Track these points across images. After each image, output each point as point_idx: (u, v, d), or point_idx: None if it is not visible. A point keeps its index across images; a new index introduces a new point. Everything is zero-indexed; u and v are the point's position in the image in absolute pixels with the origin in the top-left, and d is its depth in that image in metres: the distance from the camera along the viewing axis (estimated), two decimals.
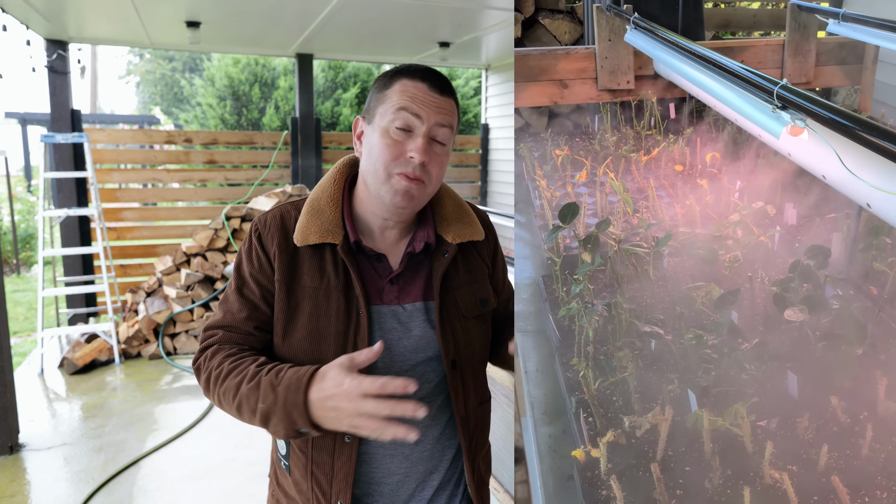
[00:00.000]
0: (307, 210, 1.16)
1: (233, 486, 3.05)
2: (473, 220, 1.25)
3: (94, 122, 13.46)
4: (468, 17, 4.73)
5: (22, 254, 9.22)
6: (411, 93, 1.09)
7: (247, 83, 10.03)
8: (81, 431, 3.67)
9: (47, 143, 5.03)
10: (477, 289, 1.23)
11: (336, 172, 1.22)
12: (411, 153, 1.07)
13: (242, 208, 5.48)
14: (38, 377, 4.52)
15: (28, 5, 4.18)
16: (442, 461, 1.21)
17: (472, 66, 7.71)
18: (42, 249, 4.76)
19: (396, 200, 1.10)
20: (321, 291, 1.12)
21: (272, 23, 4.93)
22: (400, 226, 1.18)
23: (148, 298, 5.14)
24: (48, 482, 3.12)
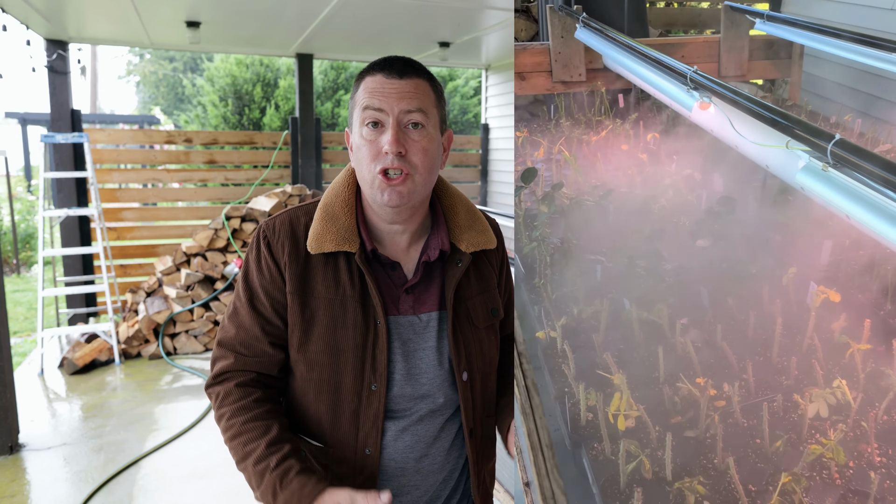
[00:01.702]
0: (321, 216, 1.12)
1: (233, 486, 3.05)
2: (486, 227, 1.22)
3: (94, 122, 13.46)
4: (468, 17, 4.73)
5: (22, 254, 9.22)
6: (371, 88, 1.06)
7: (249, 83, 10.03)
8: (81, 431, 3.67)
9: (47, 143, 5.03)
10: (488, 298, 1.20)
11: (349, 175, 1.17)
12: (385, 147, 1.04)
13: (242, 208, 5.48)
14: (38, 377, 4.52)
15: (28, 5, 4.17)
16: (453, 472, 1.20)
17: (472, 66, 7.71)
18: (42, 249, 4.76)
19: (386, 200, 1.06)
20: (337, 302, 1.09)
21: (272, 23, 4.93)
22: (409, 230, 1.15)
23: (148, 298, 5.14)
24: (48, 482, 3.12)
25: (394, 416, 1.12)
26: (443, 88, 1.15)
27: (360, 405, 1.10)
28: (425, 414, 1.14)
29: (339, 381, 1.09)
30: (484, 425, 1.21)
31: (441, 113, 1.12)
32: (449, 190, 1.23)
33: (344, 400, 1.10)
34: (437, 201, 1.20)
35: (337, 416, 1.11)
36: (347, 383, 1.09)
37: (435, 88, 1.11)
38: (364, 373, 1.09)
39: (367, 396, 1.09)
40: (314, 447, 1.14)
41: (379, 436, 1.10)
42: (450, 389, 1.15)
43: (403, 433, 1.13)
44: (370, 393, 1.09)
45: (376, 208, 1.11)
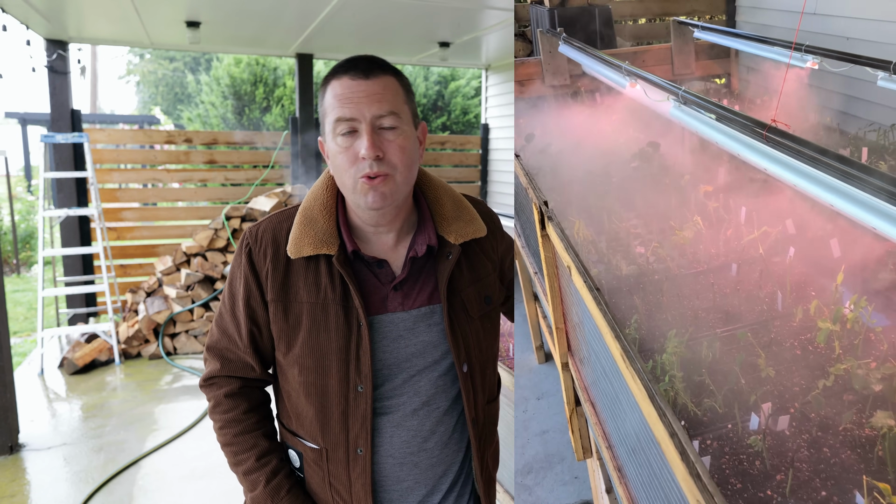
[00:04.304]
0: (300, 220, 1.12)
1: (233, 486, 3.04)
2: (474, 216, 1.21)
3: (94, 122, 13.46)
4: (468, 17, 4.73)
5: (22, 254, 9.22)
6: (338, 93, 1.05)
7: (248, 83, 10.03)
8: (81, 431, 3.67)
9: (47, 143, 5.03)
10: (482, 287, 1.20)
11: (327, 178, 1.16)
12: (361, 153, 1.03)
13: (242, 208, 5.48)
14: (38, 377, 4.52)
15: (28, 5, 4.17)
16: (452, 464, 1.20)
17: (472, 66, 7.71)
18: (42, 249, 4.76)
19: (369, 203, 1.06)
20: (318, 306, 1.09)
21: (272, 23, 4.93)
22: (394, 228, 1.14)
23: (148, 298, 5.14)
24: (48, 482, 3.12)
25: (386, 412, 1.12)
26: (409, 81, 1.14)
27: (347, 407, 1.10)
28: (419, 408, 1.13)
29: (325, 384, 1.10)
30: (486, 411, 1.22)
31: (412, 107, 1.11)
32: (433, 182, 1.22)
33: (332, 402, 1.10)
34: (422, 195, 1.20)
35: (327, 418, 1.11)
36: (333, 386, 1.09)
37: (403, 84, 1.10)
38: (349, 375, 1.09)
39: (354, 398, 1.09)
40: (310, 449, 1.14)
41: (369, 436, 1.11)
42: (445, 382, 1.15)
43: (398, 429, 1.13)
44: (357, 395, 1.09)
45: (360, 212, 1.11)
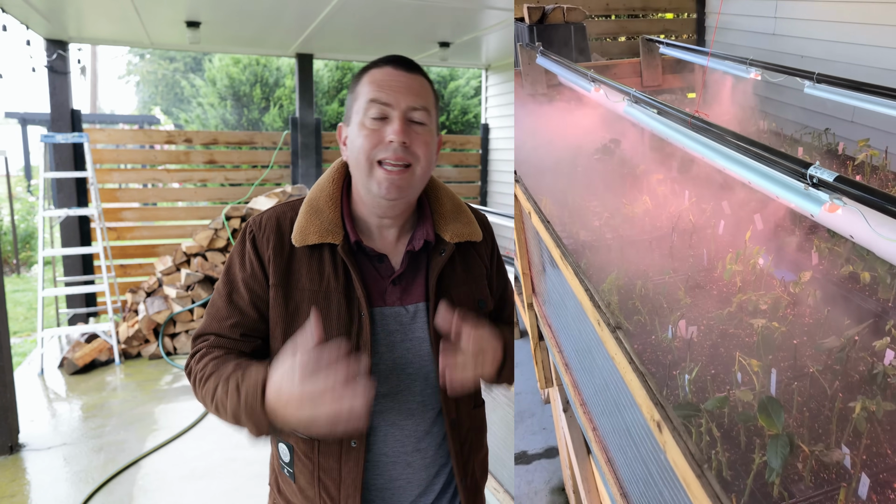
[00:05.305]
0: (305, 209, 1.13)
1: (233, 486, 3.05)
2: (471, 220, 1.23)
3: (94, 122, 13.45)
4: (468, 17, 4.73)
5: (22, 254, 9.22)
6: (379, 80, 1.07)
7: (247, 83, 10.03)
8: (81, 431, 3.67)
9: (47, 143, 5.03)
10: (475, 290, 1.21)
11: (334, 171, 1.19)
12: (389, 137, 1.05)
13: (242, 208, 5.48)
14: (38, 377, 4.52)
15: (28, 5, 4.17)
16: (444, 467, 1.19)
17: (472, 66, 7.70)
18: (42, 249, 4.76)
19: (384, 192, 1.07)
20: (321, 294, 1.09)
21: (272, 23, 4.93)
22: (398, 224, 1.16)
23: (148, 298, 5.14)
24: (48, 482, 3.12)
25: (381, 410, 1.12)
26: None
27: None
28: (414, 407, 1.13)
29: None
30: (471, 416, 1.21)
31: (437, 115, 1.15)
32: (435, 183, 1.25)
33: None
34: (424, 194, 1.22)
35: None
36: None
37: (434, 92, 1.14)
38: None
39: None
40: (301, 440, 1.13)
41: (364, 429, 1.10)
42: (437, 381, 1.14)
43: (392, 427, 1.13)
44: None
45: (369, 200, 1.12)
